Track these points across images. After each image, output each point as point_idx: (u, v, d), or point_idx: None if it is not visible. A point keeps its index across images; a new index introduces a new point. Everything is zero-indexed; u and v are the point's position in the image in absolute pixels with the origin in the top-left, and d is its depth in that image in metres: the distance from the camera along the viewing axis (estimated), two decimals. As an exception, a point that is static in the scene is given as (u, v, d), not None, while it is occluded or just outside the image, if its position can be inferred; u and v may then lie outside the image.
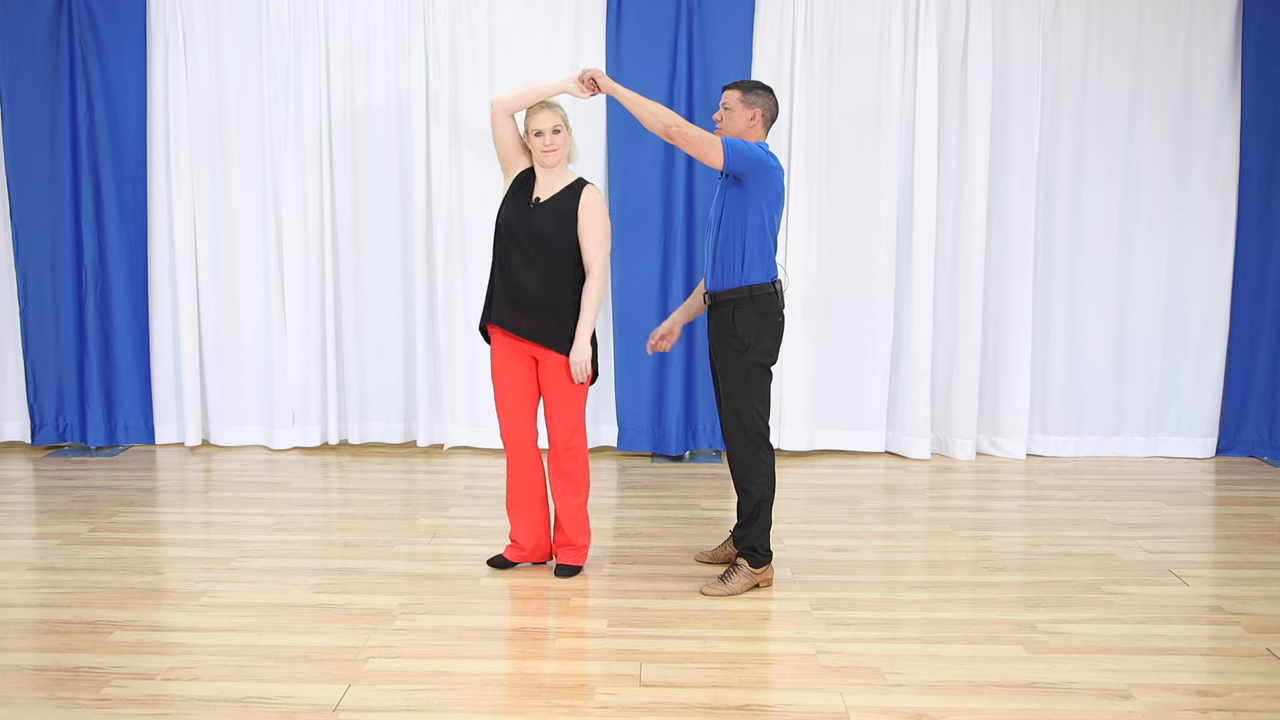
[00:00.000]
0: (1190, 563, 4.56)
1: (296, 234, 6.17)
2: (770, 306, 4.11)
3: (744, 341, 4.08)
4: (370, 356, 6.35)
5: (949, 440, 6.30)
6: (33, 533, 4.89)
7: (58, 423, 6.38)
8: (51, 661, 3.54)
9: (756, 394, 4.12)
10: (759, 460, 4.14)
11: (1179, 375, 6.31)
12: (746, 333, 4.08)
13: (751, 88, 4.14)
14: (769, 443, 4.17)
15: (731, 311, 4.09)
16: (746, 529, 4.19)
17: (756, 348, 4.09)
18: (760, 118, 4.14)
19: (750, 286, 4.08)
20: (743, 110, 4.12)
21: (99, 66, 6.08)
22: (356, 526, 4.98)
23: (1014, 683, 3.42)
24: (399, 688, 3.37)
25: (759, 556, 4.18)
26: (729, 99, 4.14)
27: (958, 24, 6.00)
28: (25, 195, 6.13)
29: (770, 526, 4.19)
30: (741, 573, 4.18)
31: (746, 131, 4.13)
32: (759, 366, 4.11)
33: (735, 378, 4.11)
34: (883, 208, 6.12)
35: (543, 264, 4.07)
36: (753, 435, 4.12)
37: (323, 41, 6.08)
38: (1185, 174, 6.14)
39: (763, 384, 4.14)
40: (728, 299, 4.10)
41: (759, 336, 4.10)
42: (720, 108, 4.18)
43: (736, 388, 4.11)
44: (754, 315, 4.08)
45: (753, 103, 4.12)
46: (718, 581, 4.19)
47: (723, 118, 4.15)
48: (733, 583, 4.17)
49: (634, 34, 5.96)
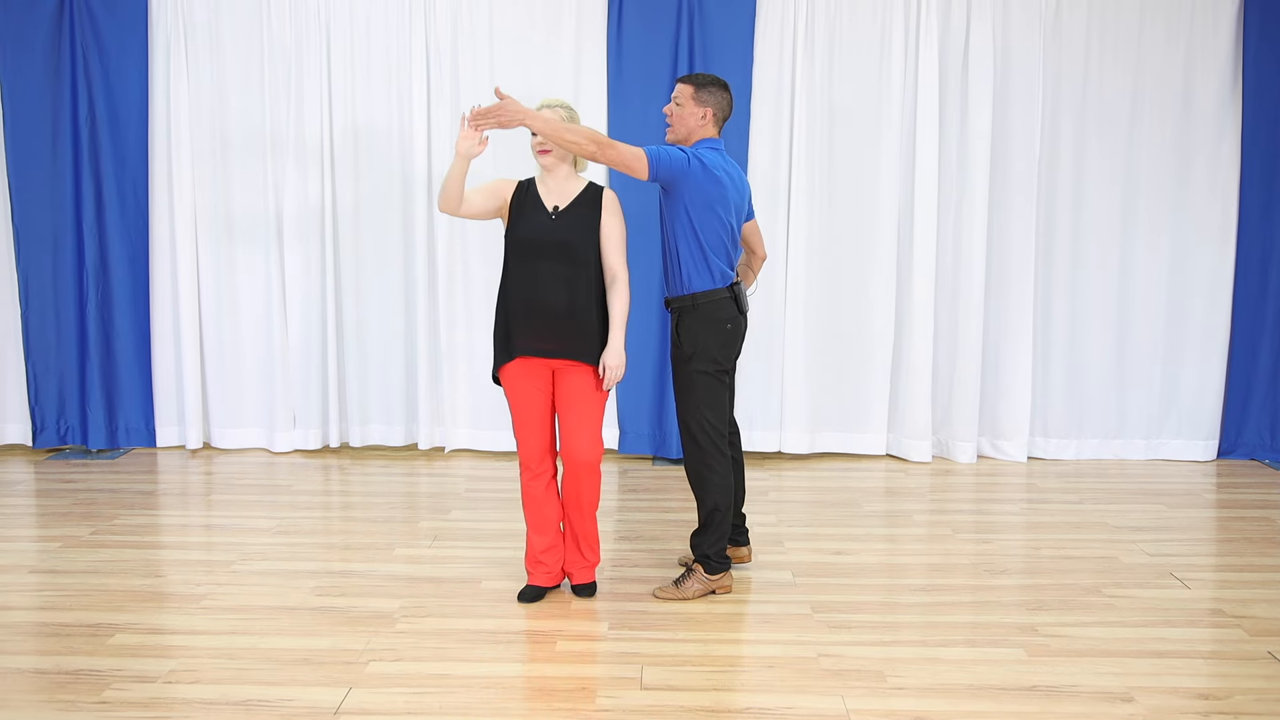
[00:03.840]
0: (1191, 566, 4.55)
1: (297, 237, 6.17)
2: (717, 313, 4.00)
3: (686, 351, 4.02)
4: (371, 359, 6.35)
5: (950, 443, 6.30)
6: (34, 535, 4.89)
7: (59, 425, 6.38)
8: (52, 664, 3.54)
9: (705, 403, 4.03)
10: (710, 469, 4.07)
11: (1180, 378, 6.31)
12: (689, 341, 4.01)
13: (705, 84, 4.03)
14: (722, 452, 4.09)
15: (677, 319, 4.05)
16: (701, 536, 4.15)
17: (701, 356, 4.00)
18: (711, 116, 4.05)
19: (694, 294, 4.00)
20: (694, 107, 4.03)
21: (100, 68, 6.08)
22: (357, 529, 4.98)
23: (1015, 686, 3.42)
24: (400, 691, 3.36)
25: (714, 564, 4.14)
26: (681, 94, 4.03)
27: (958, 26, 6.00)
28: (27, 197, 6.14)
29: (726, 535, 4.15)
30: (696, 578, 4.15)
31: (697, 129, 4.04)
32: (704, 375, 4.02)
33: (682, 386, 4.07)
34: (884, 210, 6.12)
35: (570, 273, 3.88)
36: (704, 445, 4.06)
37: (324, 43, 6.08)
38: (1186, 176, 6.14)
39: (711, 393, 4.04)
40: (675, 306, 4.06)
41: (703, 345, 4.00)
42: (672, 101, 4.07)
43: (684, 396, 4.06)
44: (697, 323, 4.00)
45: (704, 100, 4.03)
46: (671, 585, 4.16)
47: (672, 112, 4.05)
48: (685, 587, 4.13)
49: (635, 37, 5.96)
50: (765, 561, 4.54)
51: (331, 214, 6.21)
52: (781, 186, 6.07)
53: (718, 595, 4.17)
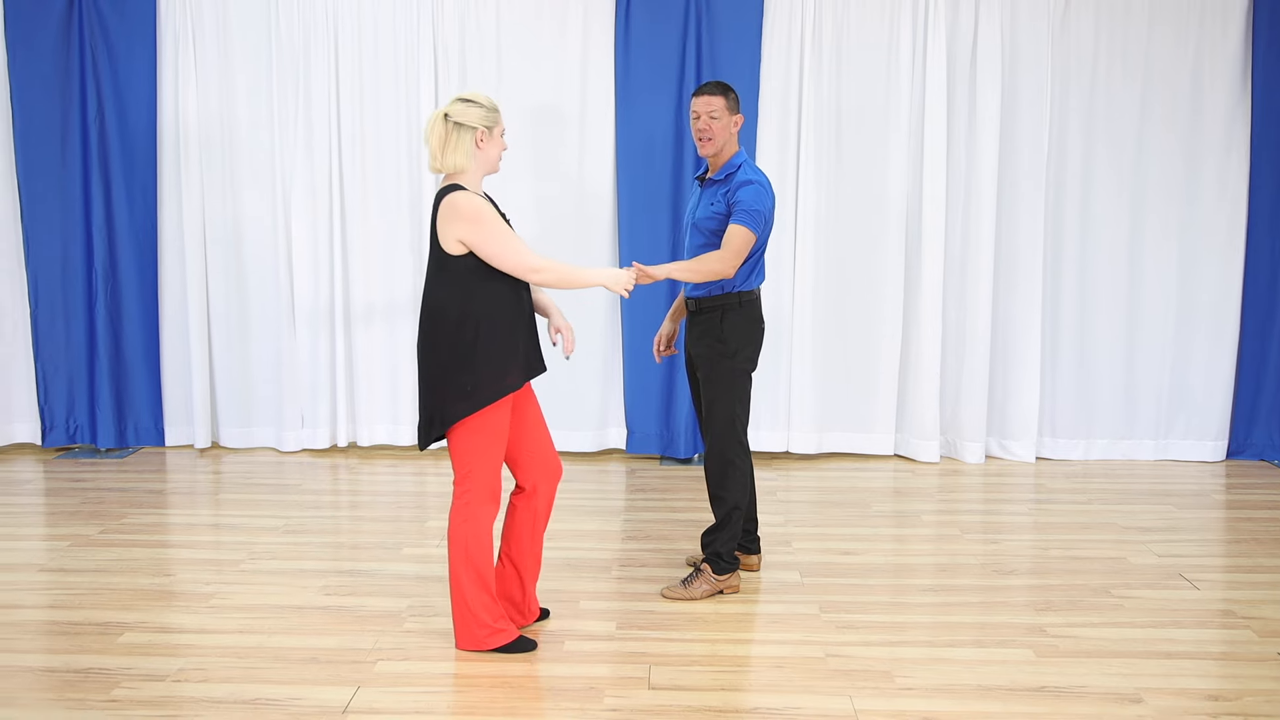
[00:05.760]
0: (1201, 567, 4.54)
1: (305, 236, 6.18)
2: (754, 313, 4.12)
3: (732, 347, 4.06)
4: (379, 359, 6.36)
5: (958, 443, 6.29)
6: (43, 534, 4.90)
7: (68, 424, 6.40)
8: (62, 663, 3.55)
9: (740, 400, 4.10)
10: (734, 467, 4.10)
11: (1189, 378, 6.29)
12: (735, 338, 4.06)
13: (728, 91, 4.05)
14: (747, 449, 4.14)
15: (720, 317, 4.07)
16: (715, 534, 4.16)
17: (743, 354, 4.08)
18: (739, 124, 4.09)
19: (739, 293, 4.07)
20: (728, 118, 4.04)
21: (109, 69, 6.10)
22: (365, 529, 4.99)
23: (1023, 687, 3.42)
24: (408, 690, 3.37)
25: (724, 564, 4.15)
26: (714, 106, 4.00)
27: (966, 26, 5.99)
28: (36, 197, 6.16)
29: (738, 536, 4.16)
30: (704, 578, 4.15)
31: (730, 141, 4.07)
32: (744, 372, 4.10)
33: (722, 383, 4.08)
34: (891, 210, 6.11)
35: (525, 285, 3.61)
36: (731, 441, 4.09)
37: (332, 43, 6.09)
38: (1195, 176, 6.12)
39: (746, 390, 4.12)
40: (714, 305, 4.08)
41: (745, 342, 4.09)
42: (704, 117, 4.01)
43: (722, 393, 4.08)
44: (741, 321, 4.07)
45: (734, 108, 4.06)
46: (679, 585, 4.16)
47: (711, 128, 4.01)
48: (693, 588, 4.14)
49: (643, 36, 5.96)
50: (773, 562, 4.54)
51: (340, 213, 6.22)
52: (789, 186, 6.06)
53: (725, 595, 4.16)
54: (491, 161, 3.56)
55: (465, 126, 3.46)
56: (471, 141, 3.47)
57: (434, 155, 3.50)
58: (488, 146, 3.52)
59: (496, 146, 3.54)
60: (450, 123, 3.47)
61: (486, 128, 3.49)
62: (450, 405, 3.48)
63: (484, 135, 3.49)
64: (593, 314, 6.20)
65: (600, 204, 6.15)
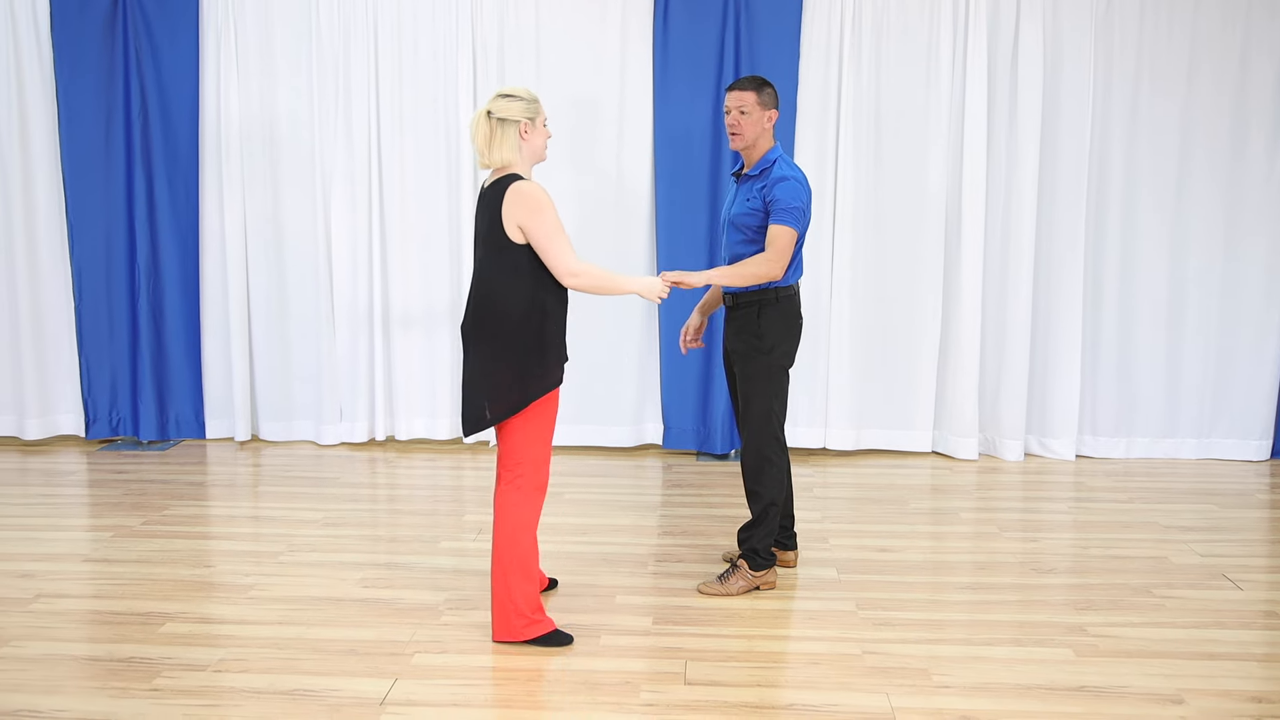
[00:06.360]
0: (1244, 567, 4.48)
1: (345, 231, 6.23)
2: (792, 308, 4.10)
3: (769, 343, 4.06)
4: (417, 353, 6.39)
5: (997, 441, 6.24)
6: (86, 525, 4.96)
7: (111, 417, 6.48)
8: (105, 652, 3.59)
9: (777, 395, 4.09)
10: (771, 463, 4.10)
11: (1232, 376, 6.20)
12: (772, 334, 4.06)
13: (762, 86, 4.02)
14: (784, 445, 4.14)
15: (756, 313, 4.07)
16: (752, 530, 4.17)
17: (780, 349, 4.08)
18: (774, 119, 4.06)
19: (776, 289, 4.06)
20: (760, 113, 4.02)
21: (153, 64, 6.16)
22: (403, 522, 5.02)
23: (1062, 686, 3.39)
24: (445, 682, 3.38)
25: (760, 560, 4.15)
26: (744, 101, 3.99)
27: (1008, 21, 5.94)
28: (80, 193, 6.23)
29: (775, 532, 4.15)
30: (740, 574, 4.15)
31: (762, 135, 4.04)
32: (781, 368, 4.09)
33: (759, 379, 4.08)
34: (931, 206, 6.07)
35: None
36: (768, 437, 4.09)
37: (371, 39, 6.12)
38: (1241, 173, 6.04)
39: (783, 385, 4.11)
40: (751, 300, 4.07)
41: (783, 338, 4.08)
42: (735, 112, 4.01)
43: (760, 388, 4.08)
44: (779, 316, 4.07)
45: (767, 103, 4.03)
46: (715, 580, 4.16)
47: (740, 123, 4.01)
48: (730, 584, 4.13)
49: (681, 31, 5.95)
50: (810, 558, 4.53)
51: (379, 208, 6.25)
52: (828, 184, 6.03)
53: (761, 591, 4.16)
54: (538, 151, 3.62)
55: (508, 121, 3.52)
56: (516, 135, 3.53)
57: (481, 152, 3.56)
58: (532, 137, 3.57)
59: (541, 136, 3.60)
60: (494, 119, 3.52)
61: (529, 119, 3.55)
62: (514, 392, 3.50)
63: (527, 127, 3.55)
64: (630, 310, 6.21)
65: (638, 199, 6.14)
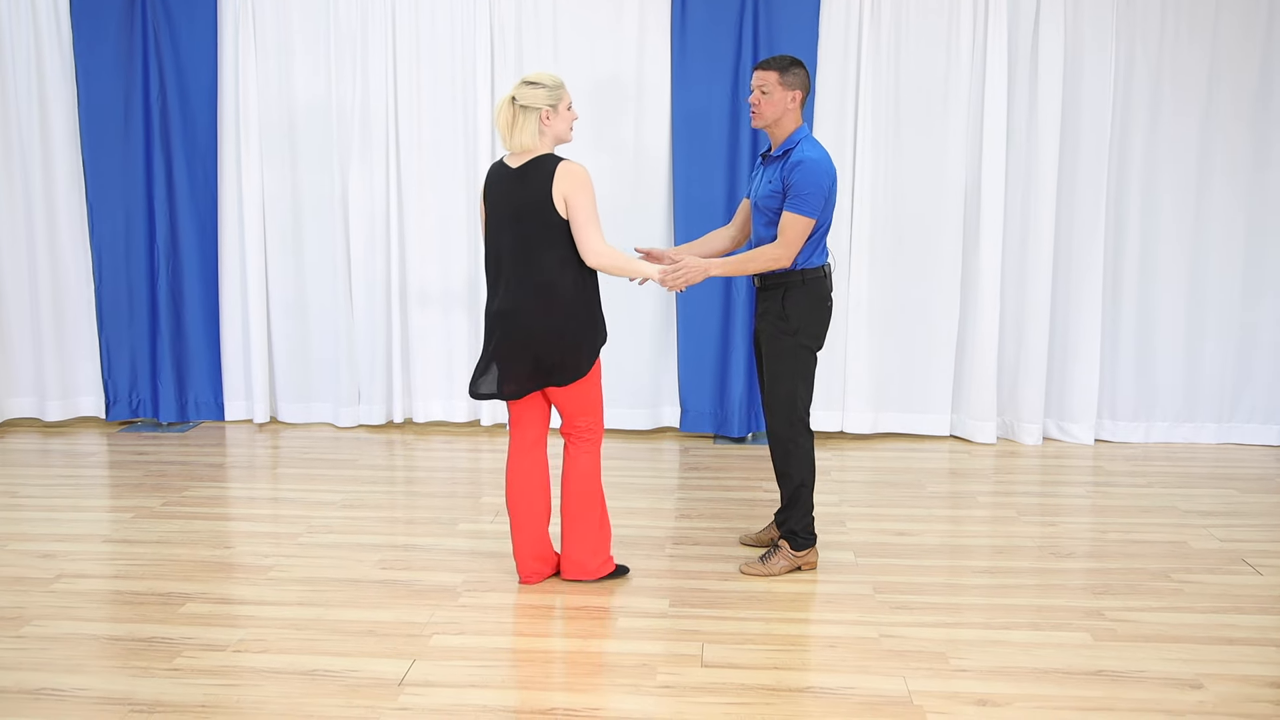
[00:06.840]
0: (1264, 552, 4.46)
1: (362, 214, 6.23)
2: (820, 290, 4.07)
3: (794, 325, 4.04)
4: (435, 336, 6.40)
5: (1015, 425, 6.22)
6: (107, 506, 5.00)
7: (131, 398, 6.51)
8: (126, 632, 3.62)
9: (802, 377, 4.08)
10: (797, 444, 4.10)
11: (1253, 361, 6.16)
12: (797, 315, 4.04)
13: (787, 66, 3.98)
14: (809, 427, 4.14)
15: (782, 295, 4.05)
16: (788, 512, 4.18)
17: (805, 331, 4.06)
18: (800, 99, 4.02)
19: (802, 271, 4.03)
20: (782, 92, 3.98)
21: (171, 47, 6.17)
22: (421, 504, 5.04)
23: (1080, 670, 3.38)
24: (463, 664, 3.40)
25: (800, 540, 4.17)
26: (765, 81, 3.98)
27: (1028, 7, 5.89)
28: (100, 175, 6.26)
29: (812, 510, 4.16)
30: (782, 554, 4.16)
31: (785, 115, 4.01)
32: (807, 350, 4.08)
33: (784, 360, 4.07)
34: (950, 190, 6.04)
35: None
36: (794, 420, 4.09)
37: (389, 24, 6.11)
38: (1264, 157, 5.98)
39: (809, 367, 4.10)
40: (778, 282, 4.06)
41: (810, 320, 4.06)
42: (756, 91, 4.00)
43: (785, 370, 4.08)
44: (805, 299, 4.04)
45: (791, 83, 3.98)
46: (757, 562, 4.18)
47: (760, 101, 4.00)
48: (772, 564, 4.15)
49: (699, 19, 5.92)
50: (828, 542, 4.52)
51: (396, 192, 6.26)
52: (846, 167, 6.01)
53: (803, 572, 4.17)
54: (561, 135, 3.79)
55: (530, 108, 3.69)
56: (536, 121, 3.72)
57: (504, 137, 3.75)
58: (554, 123, 3.74)
59: (564, 121, 3.77)
60: (516, 105, 3.70)
61: (550, 105, 3.72)
62: (583, 356, 3.80)
63: (549, 114, 3.72)
64: (647, 292, 6.20)
65: (656, 177, 6.12)
